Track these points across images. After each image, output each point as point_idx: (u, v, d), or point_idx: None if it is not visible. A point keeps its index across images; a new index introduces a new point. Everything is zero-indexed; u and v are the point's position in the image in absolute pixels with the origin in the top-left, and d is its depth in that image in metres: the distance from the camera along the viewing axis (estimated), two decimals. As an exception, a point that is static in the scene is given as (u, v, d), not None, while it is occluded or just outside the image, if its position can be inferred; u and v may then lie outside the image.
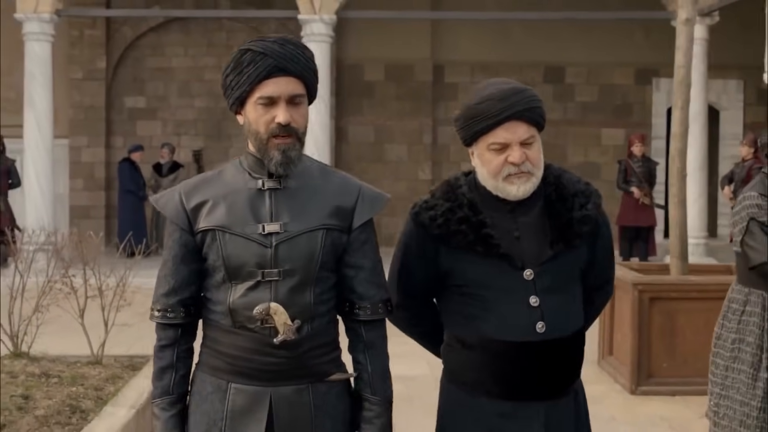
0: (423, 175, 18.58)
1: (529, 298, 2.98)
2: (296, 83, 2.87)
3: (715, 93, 18.71)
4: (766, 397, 4.82)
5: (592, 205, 3.08)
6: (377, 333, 3.01)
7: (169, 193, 2.98)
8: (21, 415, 5.12)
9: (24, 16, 14.57)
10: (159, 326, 2.94)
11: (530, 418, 3.01)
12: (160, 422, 2.91)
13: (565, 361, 3.05)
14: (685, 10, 7.73)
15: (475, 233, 3.02)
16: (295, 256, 2.85)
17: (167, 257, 2.93)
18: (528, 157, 2.99)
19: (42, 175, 14.64)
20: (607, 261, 3.24)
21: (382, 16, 16.61)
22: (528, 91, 3.02)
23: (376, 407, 2.96)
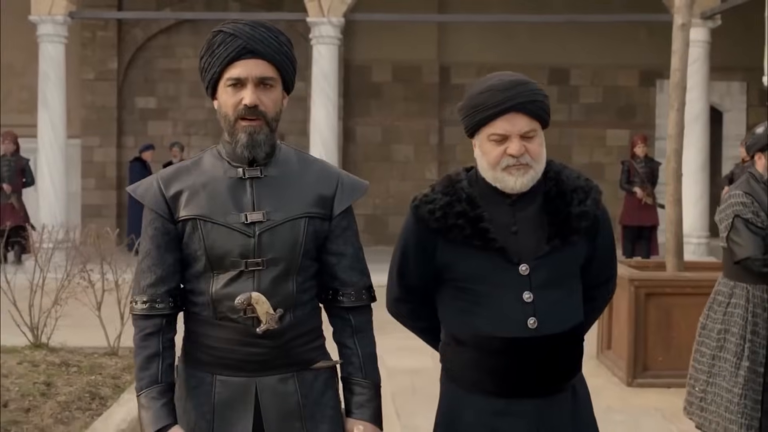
0: (429, 175, 18.81)
1: (522, 294, 2.97)
2: (266, 66, 2.83)
3: (719, 94, 18.95)
4: (747, 384, 5.12)
5: (591, 201, 3.06)
6: (364, 318, 3.01)
7: (146, 181, 2.94)
8: (44, 401, 5.41)
9: (38, 18, 14.83)
10: (141, 317, 2.86)
11: (522, 415, 2.99)
12: (150, 413, 2.79)
13: (558, 357, 3.02)
14: (681, 16, 7.98)
15: (472, 227, 3.00)
16: (279, 245, 2.84)
17: (149, 247, 2.87)
18: (528, 149, 2.97)
19: (55, 173, 14.92)
20: (608, 258, 3.21)
21: (389, 18, 16.85)
22: (531, 84, 3.00)
23: (368, 391, 2.96)
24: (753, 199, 5.20)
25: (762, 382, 5.10)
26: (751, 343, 5.14)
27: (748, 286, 5.22)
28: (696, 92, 15.03)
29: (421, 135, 18.97)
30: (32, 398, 5.40)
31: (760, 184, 5.29)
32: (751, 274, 5.18)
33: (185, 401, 2.86)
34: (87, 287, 7.13)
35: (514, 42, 18.47)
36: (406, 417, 6.69)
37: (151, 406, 2.78)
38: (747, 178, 5.33)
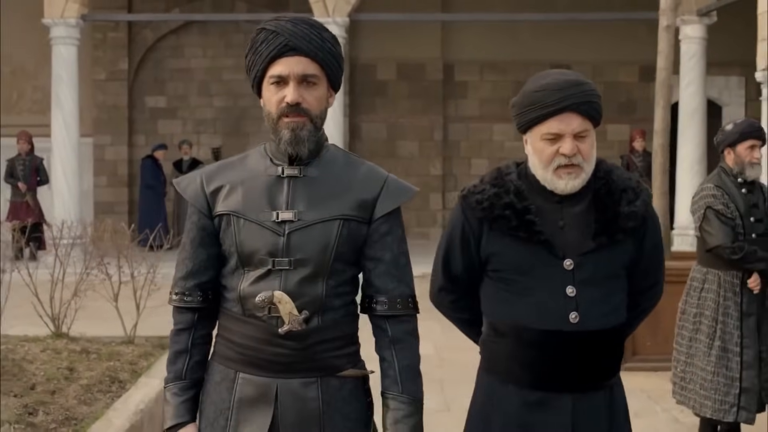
0: (434, 171, 19.15)
1: (566, 288, 2.96)
2: (309, 63, 2.78)
3: (717, 89, 19.24)
4: (719, 362, 5.55)
5: (641, 203, 3.05)
6: (404, 328, 2.88)
7: (191, 175, 2.94)
8: (68, 384, 5.80)
9: (51, 21, 15.17)
10: (176, 310, 2.89)
11: (557, 409, 2.97)
12: (170, 407, 2.84)
13: (597, 355, 2.99)
14: (665, 18, 8.36)
15: (518, 219, 3.00)
16: (308, 246, 2.77)
17: (186, 240, 2.89)
18: (580, 150, 2.96)
19: (69, 172, 15.26)
20: (655, 261, 3.16)
21: (393, 18, 17.16)
22: (587, 85, 3.00)
23: (405, 406, 2.82)
24: (723, 191, 5.62)
25: (739, 361, 5.52)
26: (723, 325, 5.57)
27: (720, 272, 5.65)
28: (693, 87, 15.39)
29: (425, 131, 19.27)
30: (57, 382, 5.80)
31: (730, 177, 5.70)
32: (722, 261, 5.60)
33: (208, 395, 2.86)
34: (104, 280, 7.53)
35: (516, 39, 18.75)
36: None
37: (172, 402, 2.83)
38: (718, 172, 5.76)
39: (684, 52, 15.42)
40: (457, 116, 19.28)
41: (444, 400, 7.24)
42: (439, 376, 7.73)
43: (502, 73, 19.15)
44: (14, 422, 4.88)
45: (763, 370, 5.60)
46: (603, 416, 3.01)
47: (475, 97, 19.34)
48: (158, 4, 18.91)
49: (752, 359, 5.55)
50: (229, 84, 18.98)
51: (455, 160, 19.33)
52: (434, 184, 19.05)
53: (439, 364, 8.41)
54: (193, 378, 2.86)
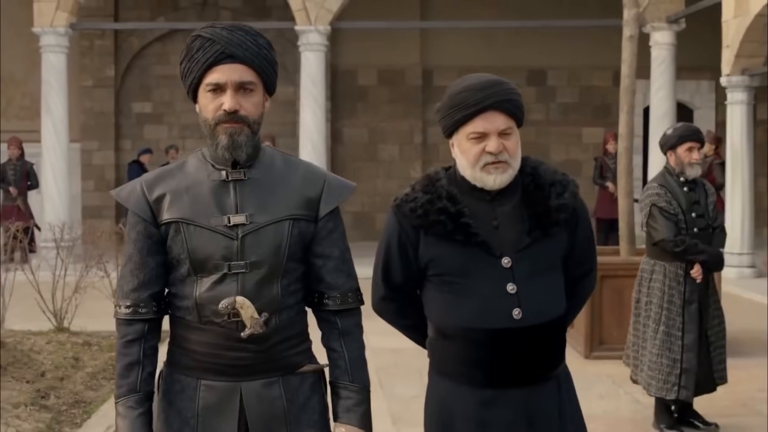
0: (414, 174, 19.54)
1: (506, 286, 2.99)
2: (246, 70, 2.77)
3: (689, 93, 19.77)
4: (663, 345, 6.15)
5: (569, 194, 3.09)
6: (352, 321, 2.94)
7: (130, 185, 2.89)
8: (75, 371, 6.27)
9: (41, 29, 15.58)
10: (124, 322, 2.82)
11: (511, 404, 3.02)
12: (126, 422, 2.76)
13: (543, 347, 3.04)
14: (629, 28, 8.85)
15: (453, 222, 3.02)
16: (262, 248, 2.78)
17: (132, 251, 2.82)
18: (505, 147, 3.00)
19: (59, 176, 15.70)
20: (588, 250, 3.23)
21: (373, 26, 17.58)
22: (506, 84, 3.04)
23: (356, 395, 2.89)
24: (666, 190, 6.19)
25: (680, 344, 6.07)
26: (667, 311, 6.14)
27: (665, 264, 6.24)
28: (663, 92, 15.92)
29: (405, 135, 19.73)
30: (64, 370, 6.26)
31: (673, 177, 6.27)
32: (666, 253, 6.19)
33: (169, 405, 2.84)
34: (103, 277, 7.99)
35: (493, 45, 19.22)
36: (388, 387, 7.59)
37: (128, 416, 2.76)
38: (663, 173, 6.33)
39: (654, 58, 15.94)
40: (436, 120, 19.68)
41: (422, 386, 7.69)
42: (417, 366, 8.16)
43: (480, 79, 19.62)
44: (29, 404, 5.34)
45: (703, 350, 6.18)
46: (554, 406, 3.07)
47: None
48: (144, 12, 19.34)
49: (692, 343, 6.12)
50: (214, 90, 19.38)
51: (435, 162, 19.70)
52: (414, 186, 19.50)
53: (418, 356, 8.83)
54: (146, 390, 2.80)
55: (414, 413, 6.85)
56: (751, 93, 13.87)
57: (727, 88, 13.86)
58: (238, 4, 19.37)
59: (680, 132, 6.29)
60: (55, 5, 15.51)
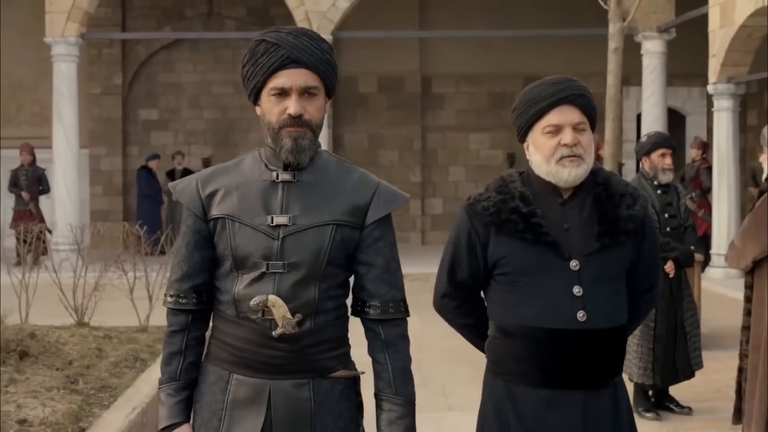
0: (414, 178, 20.12)
1: (572, 288, 3.01)
2: (309, 75, 2.79)
3: (681, 99, 20.29)
4: (642, 335, 6.75)
5: (640, 207, 3.12)
6: (396, 332, 2.90)
7: (186, 180, 2.95)
8: (99, 360, 6.79)
9: (53, 39, 16.14)
10: (170, 312, 2.91)
11: (569, 406, 3.03)
12: (165, 408, 2.87)
13: (604, 352, 3.05)
14: (613, 41, 9.41)
15: (525, 222, 3.05)
16: (302, 250, 2.79)
17: (180, 243, 2.90)
18: (580, 141, 3.03)
19: (69, 181, 16.23)
20: (653, 265, 3.26)
21: (373, 35, 18.16)
22: (579, 82, 3.12)
23: (399, 408, 2.86)
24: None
25: (653, 335, 6.62)
26: (644, 305, 6.68)
27: None
28: (654, 99, 16.47)
29: (405, 141, 20.23)
30: (89, 359, 6.78)
31: (648, 180, 6.79)
32: None
33: (202, 395, 2.89)
34: (121, 276, 8.53)
35: (490, 53, 19.72)
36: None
37: (167, 402, 2.86)
38: (638, 177, 6.86)
39: (645, 66, 16.48)
40: (435, 126, 20.29)
41: (421, 377, 8.24)
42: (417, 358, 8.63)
43: (477, 85, 20.19)
44: (61, 388, 5.87)
45: (679, 342, 6.72)
46: (610, 413, 3.08)
47: (452, 108, 20.35)
48: (150, 22, 19.89)
49: (663, 333, 6.68)
50: (219, 97, 19.95)
51: (433, 168, 20.31)
52: (414, 191, 19.96)
53: (418, 349, 9.35)
54: (187, 379, 2.88)
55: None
56: (737, 100, 14.40)
57: (714, 96, 14.39)
58: (243, 13, 19.91)
59: (653, 140, 6.83)
60: (66, 16, 16.05)
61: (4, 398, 5.46)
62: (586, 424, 3.03)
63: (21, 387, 5.75)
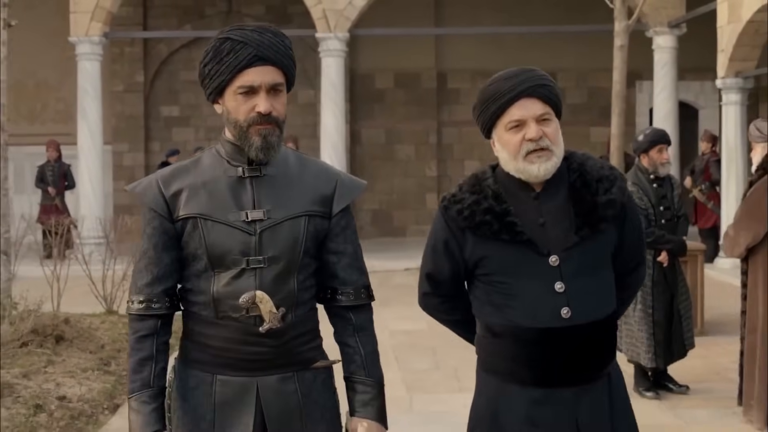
0: (429, 172, 20.46)
1: (554, 284, 2.95)
2: (276, 72, 2.79)
3: (694, 93, 20.51)
4: (641, 321, 7.21)
5: (617, 189, 3.03)
6: (365, 316, 2.96)
7: (146, 180, 2.89)
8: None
9: (77, 39, 16.55)
10: (136, 318, 2.82)
11: (561, 403, 2.98)
12: (140, 416, 2.77)
13: (593, 346, 2.99)
14: (619, 39, 9.73)
15: (499, 222, 2.98)
16: (279, 243, 2.79)
17: (147, 246, 2.82)
18: (545, 133, 2.95)
19: (94, 177, 16.64)
20: (637, 243, 3.18)
21: (389, 33, 18.51)
22: (537, 71, 3.03)
23: (372, 389, 2.91)
24: (638, 187, 7.11)
25: (651, 320, 7.02)
26: (641, 292, 7.04)
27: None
28: (666, 93, 16.76)
29: (421, 136, 20.52)
30: (120, 343, 7.19)
31: (645, 175, 7.18)
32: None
33: (183, 401, 2.84)
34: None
35: (504, 49, 19.95)
36: (403, 363, 8.50)
37: (141, 410, 2.77)
38: (635, 171, 7.27)
39: (657, 61, 16.77)
40: (450, 121, 20.59)
41: (435, 361, 8.62)
42: (431, 344, 9.08)
43: (492, 81, 20.46)
44: (95, 369, 6.28)
45: (675, 325, 7.12)
46: (605, 404, 3.03)
47: (467, 102, 20.55)
48: (171, 20, 20.28)
49: (662, 318, 7.10)
50: (239, 94, 20.27)
51: (449, 162, 20.62)
52: (430, 184, 20.35)
53: (432, 336, 9.77)
54: (159, 385, 2.81)
55: (424, 382, 7.81)
56: (745, 94, 14.67)
57: (722, 90, 14.67)
58: (261, 11, 20.26)
59: (650, 138, 7.21)
60: (90, 16, 16.45)
61: (44, 377, 5.88)
62: (580, 418, 2.99)
63: (58, 368, 6.17)
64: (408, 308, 10.65)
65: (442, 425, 6.57)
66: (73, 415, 5.23)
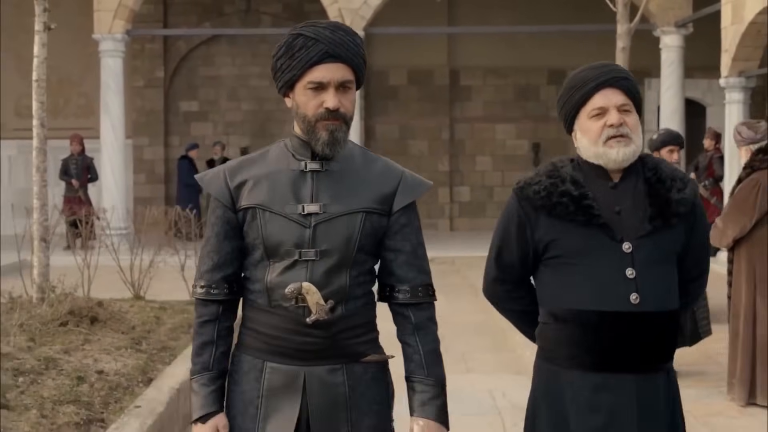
0: (442, 167, 20.91)
1: (625, 270, 2.98)
2: (345, 69, 2.81)
3: (701, 91, 20.87)
4: None
5: (690, 191, 3.10)
6: (425, 315, 2.95)
7: (214, 171, 2.97)
8: (158, 326, 7.71)
9: (100, 36, 17.09)
10: (200, 302, 2.92)
11: (622, 389, 3.00)
12: (198, 398, 2.87)
13: (657, 336, 3.01)
14: (621, 41, 10.19)
15: (576, 204, 3.03)
16: (333, 238, 2.82)
17: (210, 234, 2.91)
18: (626, 121, 3.02)
19: (116, 170, 17.20)
20: (703, 250, 3.23)
21: (403, 31, 18.96)
22: (620, 66, 3.17)
23: (431, 389, 2.90)
24: None
25: None
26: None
27: None
28: (672, 91, 17.19)
29: (433, 131, 20.99)
30: (149, 325, 7.70)
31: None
32: None
33: (235, 385, 2.92)
34: (173, 254, 9.47)
35: (515, 47, 20.41)
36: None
37: (201, 392, 2.87)
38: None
39: (664, 60, 17.21)
40: (463, 117, 21.07)
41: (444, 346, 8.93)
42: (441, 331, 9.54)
43: (503, 78, 20.97)
44: (128, 347, 6.79)
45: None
46: (663, 398, 3.06)
47: (479, 99, 21.12)
48: (191, 17, 20.79)
49: None
50: (256, 90, 20.84)
51: (461, 157, 21.10)
52: (442, 179, 20.79)
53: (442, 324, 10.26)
54: (219, 369, 2.89)
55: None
56: (748, 93, 15.08)
57: (726, 89, 15.08)
58: (278, 9, 20.75)
59: (663, 137, 7.67)
60: (112, 14, 16.98)
61: (83, 353, 6.39)
62: (640, 407, 3.01)
63: (95, 346, 6.68)
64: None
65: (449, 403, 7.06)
66: (111, 386, 5.72)
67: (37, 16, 7.85)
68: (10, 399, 5.17)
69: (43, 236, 7.66)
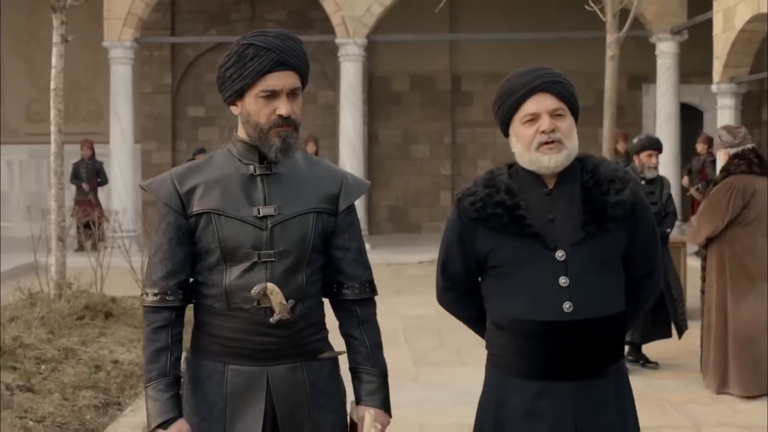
0: (444, 171, 21.24)
1: (559, 279, 2.97)
2: (294, 76, 2.88)
3: (698, 96, 21.15)
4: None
5: (629, 192, 3.04)
6: (369, 310, 3.06)
7: (160, 177, 2.98)
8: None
9: (110, 43, 17.54)
10: (151, 309, 2.91)
11: (561, 397, 3.00)
12: (158, 404, 2.85)
13: (595, 343, 2.99)
14: (611, 50, 10.60)
15: (509, 215, 3.03)
16: (289, 238, 2.88)
17: (161, 241, 2.90)
18: (558, 127, 2.99)
19: (126, 174, 17.61)
20: (650, 249, 3.17)
21: (405, 38, 19.29)
22: (552, 69, 3.12)
23: (377, 379, 3.01)
24: None
25: None
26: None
27: None
28: (668, 96, 17.59)
29: (435, 136, 21.26)
30: (161, 320, 8.15)
31: (635, 174, 8.06)
32: None
33: (196, 390, 2.92)
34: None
35: (516, 53, 20.50)
36: (411, 342, 9.39)
37: (159, 398, 2.85)
38: (628, 170, 8.14)
39: (660, 66, 17.61)
40: (464, 122, 21.37)
41: (440, 341, 9.52)
42: (438, 326, 9.96)
43: (504, 84, 21.26)
44: (140, 340, 7.23)
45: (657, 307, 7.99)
46: (608, 402, 3.05)
47: (480, 104, 21.34)
48: (198, 25, 21.14)
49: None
50: (261, 95, 21.13)
51: (463, 161, 21.40)
52: (444, 183, 21.16)
53: (439, 320, 10.62)
54: (175, 374, 2.89)
55: (429, 358, 8.73)
56: (739, 98, 15.49)
57: (717, 95, 15.47)
58: (283, 17, 21.07)
59: (643, 143, 8.13)
60: (122, 22, 17.41)
61: (99, 345, 6.85)
62: (579, 414, 3.01)
63: (109, 338, 7.13)
64: (419, 297, 11.58)
65: (443, 391, 7.51)
66: (125, 374, 6.17)
67: (55, 28, 8.31)
68: (34, 384, 5.62)
69: (60, 236, 8.10)
